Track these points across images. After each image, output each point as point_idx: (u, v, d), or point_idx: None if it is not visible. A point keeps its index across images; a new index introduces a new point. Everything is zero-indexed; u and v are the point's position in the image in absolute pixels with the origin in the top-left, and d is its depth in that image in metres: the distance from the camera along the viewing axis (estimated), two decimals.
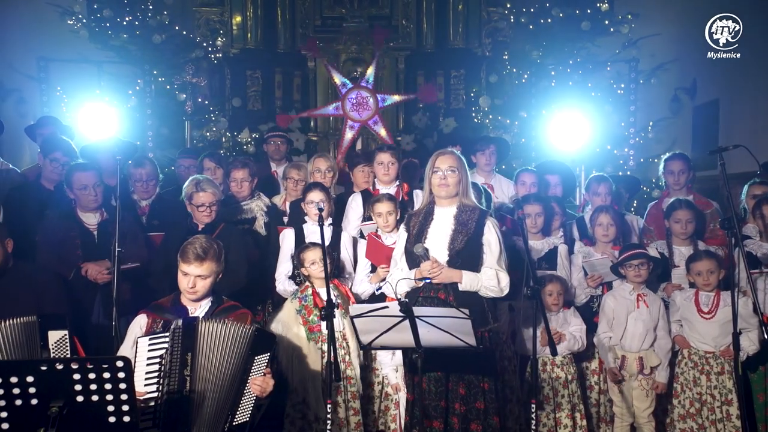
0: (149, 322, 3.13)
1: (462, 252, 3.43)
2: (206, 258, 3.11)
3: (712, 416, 4.12)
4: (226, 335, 2.90)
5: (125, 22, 7.62)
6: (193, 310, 3.18)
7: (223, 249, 3.25)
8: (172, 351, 2.84)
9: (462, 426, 3.34)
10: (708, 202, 4.98)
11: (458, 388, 3.37)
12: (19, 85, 7.46)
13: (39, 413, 2.23)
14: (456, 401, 3.37)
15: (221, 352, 2.89)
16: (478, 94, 8.19)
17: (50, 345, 3.01)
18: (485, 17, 8.55)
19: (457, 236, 3.44)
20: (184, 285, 3.15)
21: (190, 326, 2.87)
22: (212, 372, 2.88)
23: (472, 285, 3.41)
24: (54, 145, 4.79)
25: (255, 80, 8.34)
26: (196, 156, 5.70)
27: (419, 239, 3.47)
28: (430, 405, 3.35)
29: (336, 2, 8.57)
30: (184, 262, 3.13)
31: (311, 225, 4.37)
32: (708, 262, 4.18)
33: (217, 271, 3.19)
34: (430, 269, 3.36)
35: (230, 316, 3.14)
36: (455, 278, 3.40)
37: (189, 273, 3.12)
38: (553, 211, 4.66)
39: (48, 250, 4.18)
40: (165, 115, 7.71)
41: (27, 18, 7.83)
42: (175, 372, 2.82)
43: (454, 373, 3.36)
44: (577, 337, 4.21)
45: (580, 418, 4.15)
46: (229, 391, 2.91)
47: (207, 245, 3.14)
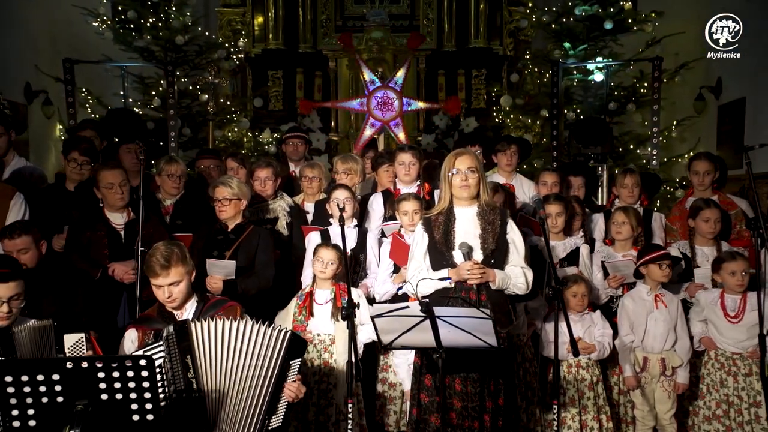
0: (140, 335, 3.11)
1: (495, 251, 3.43)
2: (171, 265, 3.06)
3: (739, 418, 4.06)
4: (236, 333, 2.87)
5: (149, 24, 7.72)
6: (179, 315, 3.15)
7: (184, 248, 3.20)
8: (170, 358, 2.82)
9: (471, 425, 3.32)
10: (732, 202, 4.92)
11: (467, 387, 3.35)
12: (45, 87, 7.59)
13: (64, 411, 2.26)
14: (467, 400, 3.35)
15: (238, 351, 2.86)
16: (499, 94, 8.16)
17: (66, 348, 3.02)
18: (507, 16, 8.54)
19: (487, 236, 3.43)
20: (161, 297, 3.13)
21: (182, 329, 2.85)
22: (228, 370, 2.86)
23: (503, 283, 3.41)
24: (72, 145, 4.84)
25: (276, 80, 8.40)
26: (215, 156, 5.74)
27: (448, 241, 3.44)
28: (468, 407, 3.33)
29: (357, 2, 8.59)
30: (152, 277, 3.10)
31: (336, 227, 4.38)
32: (743, 262, 4.13)
33: (189, 271, 3.15)
34: (470, 269, 3.33)
35: (219, 310, 3.12)
36: (491, 278, 3.39)
37: (161, 284, 3.09)
38: (575, 211, 4.63)
39: (76, 250, 4.23)
40: (187, 115, 7.79)
41: (52, 20, 7.96)
42: (179, 376, 2.81)
43: (470, 372, 3.35)
44: (605, 344, 4.16)
45: (606, 420, 4.11)
46: (262, 392, 2.89)
47: (168, 252, 3.09)
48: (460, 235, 3.45)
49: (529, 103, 8.03)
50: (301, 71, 8.36)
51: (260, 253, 4.25)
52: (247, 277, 4.15)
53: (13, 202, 4.39)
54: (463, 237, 3.43)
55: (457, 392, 3.34)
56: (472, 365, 3.31)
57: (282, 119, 8.22)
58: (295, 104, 8.35)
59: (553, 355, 3.32)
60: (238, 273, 4.10)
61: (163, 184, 4.88)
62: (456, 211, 3.51)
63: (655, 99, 7.05)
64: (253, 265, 4.23)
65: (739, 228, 4.78)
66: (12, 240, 3.81)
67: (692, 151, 6.89)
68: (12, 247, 3.80)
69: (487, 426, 3.33)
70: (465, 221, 3.48)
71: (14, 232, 3.84)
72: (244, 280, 4.12)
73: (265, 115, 8.33)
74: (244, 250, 4.22)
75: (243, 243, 4.24)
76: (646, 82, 7.54)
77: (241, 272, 4.13)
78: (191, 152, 7.69)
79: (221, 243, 4.26)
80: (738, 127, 7.08)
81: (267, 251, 4.28)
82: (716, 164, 4.93)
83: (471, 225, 3.47)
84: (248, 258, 4.22)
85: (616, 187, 5.10)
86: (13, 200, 4.39)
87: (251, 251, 4.24)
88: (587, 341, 4.13)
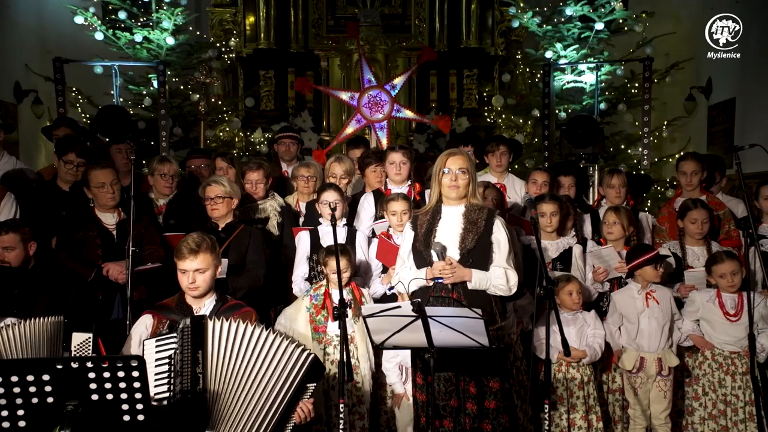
0: (155, 322, 3.13)
1: (473, 251, 3.42)
2: (200, 250, 3.11)
3: (735, 417, 4.08)
4: (250, 338, 2.85)
5: (139, 23, 7.70)
6: (197, 309, 3.18)
7: (216, 243, 3.24)
8: (182, 350, 2.83)
9: (473, 425, 3.34)
10: (720, 202, 4.95)
11: (469, 387, 3.37)
12: (35, 86, 7.55)
13: (55, 411, 2.25)
14: (467, 400, 3.36)
15: (252, 356, 2.84)
16: (491, 94, 8.18)
17: (73, 346, 3.02)
18: (498, 16, 8.55)
19: (467, 235, 3.43)
20: (185, 283, 3.16)
21: (198, 324, 2.87)
22: (238, 373, 2.83)
23: (481, 284, 3.40)
24: (68, 146, 4.83)
25: (268, 80, 8.38)
26: (206, 156, 5.72)
27: (428, 238, 3.44)
28: (440, 405, 3.34)
29: (349, 2, 8.59)
30: (180, 259, 3.14)
31: (326, 226, 4.38)
32: (731, 264, 4.13)
33: (215, 264, 3.19)
34: (442, 269, 3.35)
35: (235, 314, 3.12)
36: (466, 277, 3.39)
37: (187, 269, 3.12)
38: (568, 210, 4.64)
39: (68, 250, 4.22)
40: (179, 115, 7.77)
41: (42, 19, 7.93)
42: (187, 371, 2.81)
43: (465, 372, 3.36)
44: (596, 348, 4.15)
45: (596, 420, 4.11)
46: (273, 407, 2.84)
47: (199, 239, 3.16)
48: (441, 233, 3.44)
49: (520, 103, 8.05)
50: (293, 71, 8.35)
51: (251, 252, 4.24)
52: (238, 276, 4.14)
53: (4, 202, 4.39)
54: (444, 236, 3.43)
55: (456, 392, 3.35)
56: (468, 365, 3.32)
57: (273, 119, 8.21)
58: (287, 104, 8.34)
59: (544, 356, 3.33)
60: (229, 272, 4.09)
61: (156, 183, 4.88)
62: (443, 210, 3.51)
63: (646, 99, 7.09)
64: (244, 264, 4.23)
65: (728, 228, 4.81)
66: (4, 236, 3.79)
67: (683, 151, 6.93)
68: (10, 242, 3.78)
69: (489, 428, 3.34)
70: (450, 220, 3.48)
71: (1, 229, 3.82)
72: (235, 278, 4.12)
73: (256, 115, 8.32)
74: (234, 249, 4.21)
75: (234, 242, 4.24)
76: (636, 82, 7.58)
77: (232, 271, 4.12)
78: (182, 152, 7.68)
79: None
80: (728, 127, 7.13)
81: (258, 250, 4.28)
82: (703, 164, 4.97)
83: (455, 224, 3.46)
84: (239, 257, 4.21)
85: (602, 187, 5.12)
86: (3, 200, 4.38)
87: (242, 250, 4.23)
88: (579, 341, 4.14)
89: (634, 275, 4.29)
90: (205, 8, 8.61)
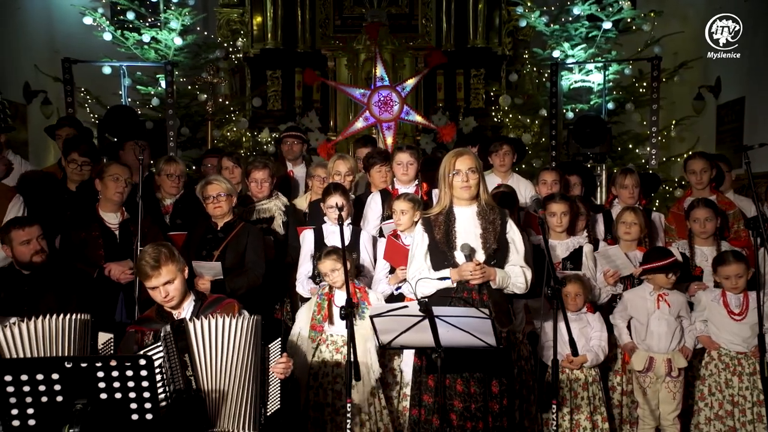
0: (139, 337, 3.11)
1: (497, 251, 3.43)
2: (160, 264, 3.07)
3: (743, 418, 4.07)
4: (228, 330, 2.89)
5: (147, 24, 7.72)
6: (177, 315, 3.16)
7: (172, 246, 3.21)
8: (169, 357, 2.84)
9: (474, 425, 3.33)
10: (730, 202, 4.92)
11: (470, 388, 3.36)
12: (44, 87, 7.59)
13: (64, 410, 2.26)
14: (470, 401, 3.35)
15: (229, 346, 2.89)
16: (498, 93, 8.17)
17: (99, 345, 3.02)
18: (505, 16, 8.52)
19: (488, 236, 3.43)
20: (159, 299, 3.13)
21: (179, 328, 2.87)
22: (223, 367, 2.88)
23: (503, 282, 3.41)
24: (72, 145, 4.86)
25: (275, 80, 8.39)
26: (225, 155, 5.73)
27: (450, 240, 3.44)
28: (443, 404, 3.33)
29: (356, 2, 8.59)
30: (145, 280, 3.11)
31: (330, 225, 4.38)
32: (736, 267, 4.11)
33: (181, 269, 3.16)
34: (473, 270, 3.33)
35: (217, 308, 3.14)
36: (491, 277, 3.38)
37: (155, 285, 3.09)
38: (579, 210, 4.62)
39: (71, 250, 4.23)
40: (186, 115, 7.80)
41: (51, 20, 7.96)
42: (178, 375, 2.82)
43: (470, 372, 3.35)
44: (598, 351, 4.14)
45: (601, 421, 4.10)
46: (252, 383, 2.93)
47: (156, 252, 3.09)
48: (461, 235, 3.44)
49: (527, 103, 8.03)
50: (300, 71, 8.34)
51: (250, 251, 4.25)
52: (236, 276, 4.15)
53: (12, 203, 4.42)
54: (464, 237, 3.43)
55: (459, 393, 3.34)
56: (473, 365, 3.31)
57: (281, 119, 8.20)
58: (294, 104, 8.34)
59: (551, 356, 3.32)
60: (227, 272, 4.10)
61: (163, 183, 4.90)
62: (456, 211, 3.50)
63: (654, 98, 7.06)
64: (243, 263, 4.23)
65: (737, 228, 4.78)
66: (23, 229, 3.79)
67: (691, 151, 6.90)
68: (28, 236, 3.78)
69: (489, 427, 3.33)
70: (465, 221, 3.48)
71: (23, 221, 3.84)
72: (233, 279, 4.13)
73: (263, 115, 8.32)
74: (232, 248, 4.22)
75: (231, 242, 4.25)
76: (644, 81, 7.55)
77: (231, 271, 4.14)
78: (190, 152, 7.71)
79: (211, 242, 4.27)
80: (737, 126, 7.09)
81: (257, 249, 4.27)
82: (711, 162, 4.94)
83: (471, 225, 3.46)
84: (237, 256, 4.22)
85: (615, 187, 5.10)
86: (12, 201, 4.42)
87: (240, 249, 4.24)
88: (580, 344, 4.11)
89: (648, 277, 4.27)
90: (212, 8, 8.62)
